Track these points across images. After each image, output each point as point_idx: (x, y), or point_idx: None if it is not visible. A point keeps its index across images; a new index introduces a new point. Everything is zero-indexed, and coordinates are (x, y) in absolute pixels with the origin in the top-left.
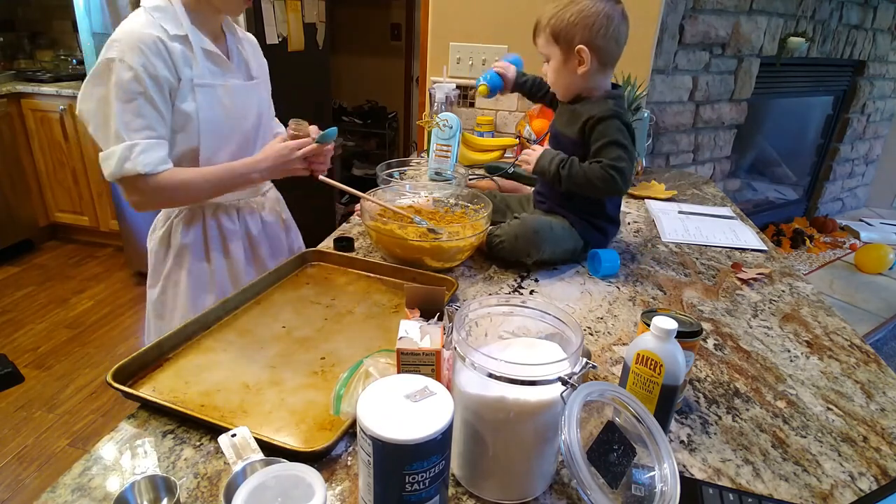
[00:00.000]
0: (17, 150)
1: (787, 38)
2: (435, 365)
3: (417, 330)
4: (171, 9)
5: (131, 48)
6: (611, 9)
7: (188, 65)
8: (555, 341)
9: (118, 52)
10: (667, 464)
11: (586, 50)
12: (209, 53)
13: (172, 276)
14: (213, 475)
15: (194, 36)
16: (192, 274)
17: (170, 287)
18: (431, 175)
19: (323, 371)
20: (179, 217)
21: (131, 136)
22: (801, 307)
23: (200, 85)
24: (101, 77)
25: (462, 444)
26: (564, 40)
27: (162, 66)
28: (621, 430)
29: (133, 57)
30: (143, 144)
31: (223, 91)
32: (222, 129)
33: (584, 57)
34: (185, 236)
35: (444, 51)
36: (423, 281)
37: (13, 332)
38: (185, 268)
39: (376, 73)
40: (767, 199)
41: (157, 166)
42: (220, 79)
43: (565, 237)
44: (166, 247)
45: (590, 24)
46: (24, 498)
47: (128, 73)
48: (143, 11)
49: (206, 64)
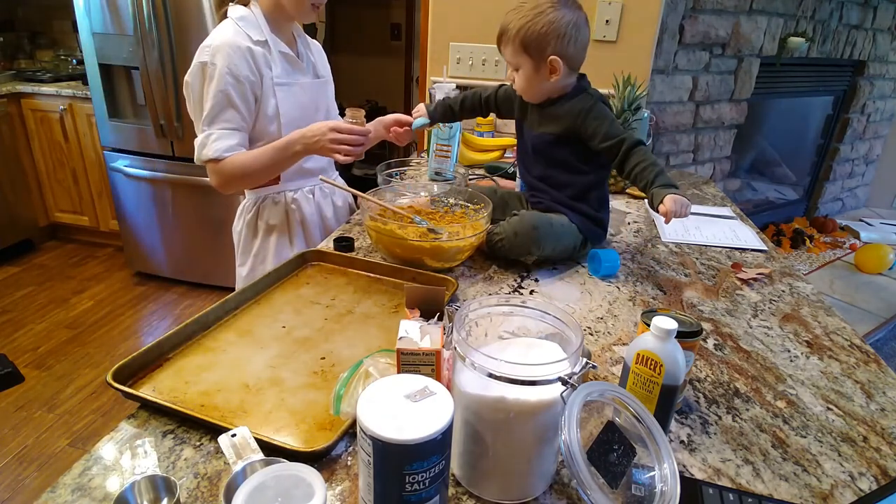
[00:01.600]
0: (17, 150)
1: (787, 38)
2: (435, 365)
3: (417, 330)
4: (252, 17)
5: (219, 52)
6: (577, 17)
7: (268, 66)
8: (555, 341)
9: (209, 56)
10: (667, 464)
11: (559, 60)
12: (285, 55)
13: (260, 253)
14: (213, 475)
15: (272, 41)
16: (277, 253)
17: (258, 265)
18: (431, 175)
19: (323, 371)
20: (266, 200)
21: (211, 127)
22: (801, 307)
23: (279, 84)
24: (196, 78)
25: (462, 444)
26: (536, 50)
27: (245, 68)
28: (621, 430)
29: (220, 60)
30: (216, 133)
31: (298, 88)
32: (300, 122)
33: (557, 66)
34: (273, 217)
35: (444, 51)
36: (423, 281)
37: (13, 332)
38: (272, 247)
39: (376, 73)
40: (767, 199)
41: (224, 152)
42: (294, 77)
43: (565, 233)
44: (254, 227)
45: (560, 34)
46: (24, 498)
47: (216, 74)
48: (230, 22)
49: (283, 65)
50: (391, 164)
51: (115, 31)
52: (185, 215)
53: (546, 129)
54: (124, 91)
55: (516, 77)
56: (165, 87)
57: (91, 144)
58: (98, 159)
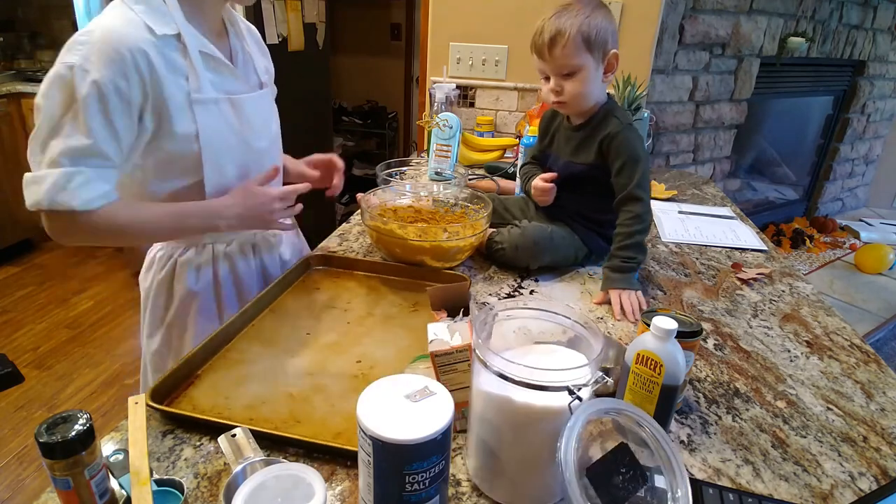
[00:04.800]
0: (18, 150)
1: (787, 38)
2: (470, 360)
3: (445, 330)
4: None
5: (99, 55)
6: (611, 14)
7: (182, 75)
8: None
9: (81, 57)
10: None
11: (618, 55)
12: (209, 58)
13: (178, 324)
14: (213, 475)
15: (189, 36)
16: (200, 323)
17: (174, 338)
18: (431, 175)
19: (363, 374)
20: (184, 259)
21: (75, 161)
22: (801, 307)
23: (199, 101)
24: (56, 87)
25: (475, 444)
26: (599, 47)
27: (136, 84)
28: (634, 454)
29: (98, 67)
30: (87, 174)
31: (228, 106)
32: (231, 154)
33: (615, 62)
34: (195, 283)
35: (444, 51)
36: (432, 279)
37: (13, 332)
38: (193, 316)
39: (376, 73)
40: (767, 199)
41: (95, 201)
42: (223, 90)
43: (565, 244)
44: (167, 292)
45: (614, 29)
46: (24, 498)
47: (87, 87)
48: (120, 3)
49: (205, 73)
50: (391, 164)
51: None
52: None
53: (578, 159)
54: None
55: (567, 85)
56: None
57: None
58: None
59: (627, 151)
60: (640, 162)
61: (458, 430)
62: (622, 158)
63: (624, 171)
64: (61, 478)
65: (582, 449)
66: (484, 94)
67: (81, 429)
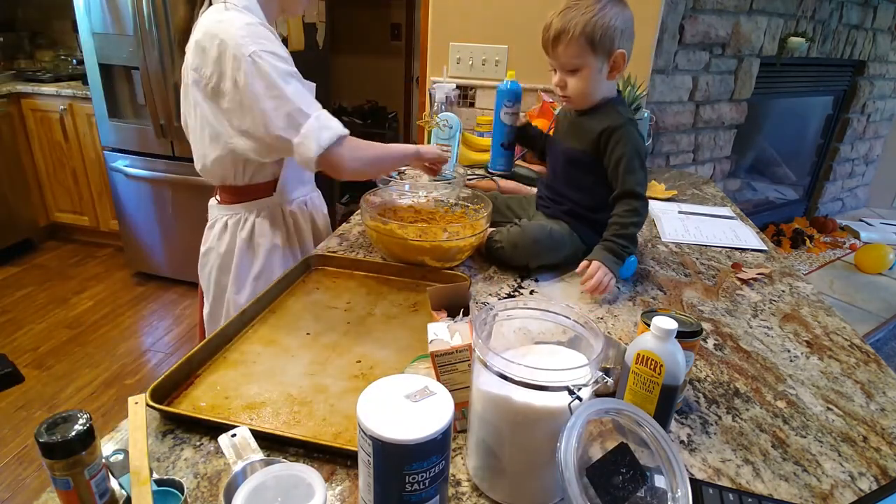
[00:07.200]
0: (18, 150)
1: (787, 38)
2: (470, 360)
3: (445, 330)
4: (252, 5)
5: (255, 39)
6: (630, 12)
7: None
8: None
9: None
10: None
11: (625, 54)
12: None
13: (263, 275)
14: (213, 475)
15: None
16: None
17: (261, 287)
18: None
19: (363, 374)
20: (262, 217)
21: (311, 109)
22: (801, 307)
23: None
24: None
25: (476, 444)
26: (604, 46)
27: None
28: (633, 454)
29: (265, 44)
30: (323, 113)
31: None
32: None
33: (622, 62)
34: (274, 235)
35: (444, 51)
36: (432, 279)
37: (13, 332)
38: (277, 267)
39: (376, 73)
40: (767, 199)
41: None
42: None
43: (564, 243)
44: (252, 247)
45: (624, 27)
46: (24, 498)
47: (272, 59)
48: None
49: None
50: None
51: (115, 31)
52: (185, 215)
53: (574, 144)
54: (124, 91)
55: (571, 81)
56: (166, 87)
57: (91, 144)
58: (98, 159)
59: (628, 146)
60: (641, 158)
61: (458, 430)
62: (621, 152)
63: (623, 165)
64: (61, 478)
65: (582, 449)
66: (484, 94)
67: (81, 429)
